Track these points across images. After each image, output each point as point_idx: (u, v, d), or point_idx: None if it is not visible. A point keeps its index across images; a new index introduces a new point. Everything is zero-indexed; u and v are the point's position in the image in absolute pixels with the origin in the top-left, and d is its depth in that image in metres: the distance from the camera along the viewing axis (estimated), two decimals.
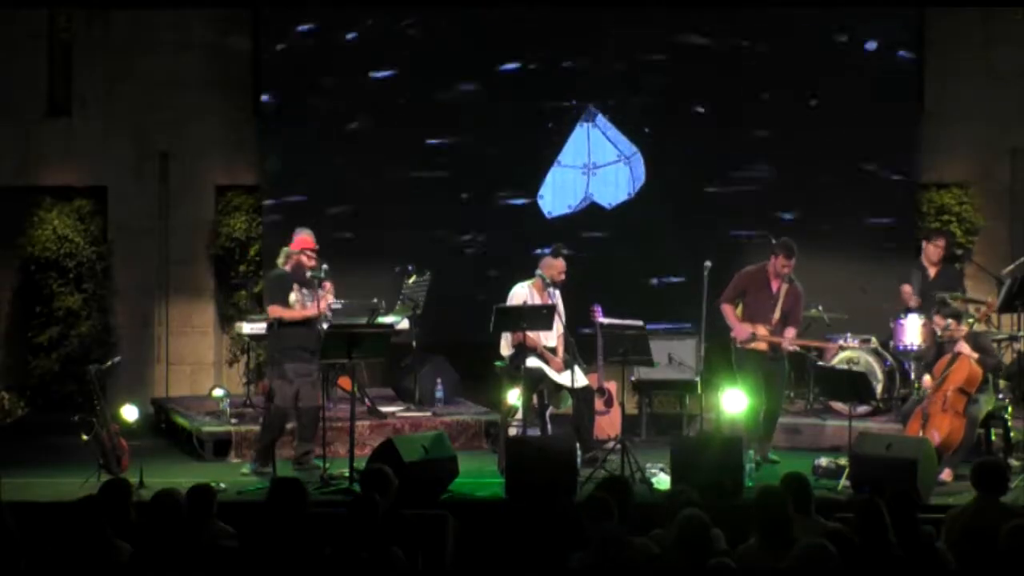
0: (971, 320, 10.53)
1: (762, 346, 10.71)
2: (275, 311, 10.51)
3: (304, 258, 10.53)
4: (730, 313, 10.88)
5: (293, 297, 10.53)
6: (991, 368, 10.45)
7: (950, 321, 10.42)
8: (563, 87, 13.43)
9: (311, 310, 10.48)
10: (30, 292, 13.88)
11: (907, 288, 12.08)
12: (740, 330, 10.78)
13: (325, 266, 10.57)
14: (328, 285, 10.74)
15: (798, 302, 10.83)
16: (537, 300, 10.79)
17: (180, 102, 13.75)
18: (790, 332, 10.71)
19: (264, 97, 13.56)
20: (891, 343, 11.97)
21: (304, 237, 10.66)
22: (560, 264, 10.88)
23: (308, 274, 10.52)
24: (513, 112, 13.40)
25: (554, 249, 10.97)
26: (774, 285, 10.80)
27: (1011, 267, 12.32)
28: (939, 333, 10.56)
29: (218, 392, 12.08)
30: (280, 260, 10.70)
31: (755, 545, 6.51)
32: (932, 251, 12.15)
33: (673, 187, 13.43)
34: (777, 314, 10.73)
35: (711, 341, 11.23)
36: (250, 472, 10.41)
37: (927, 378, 10.50)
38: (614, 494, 6.95)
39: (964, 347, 10.25)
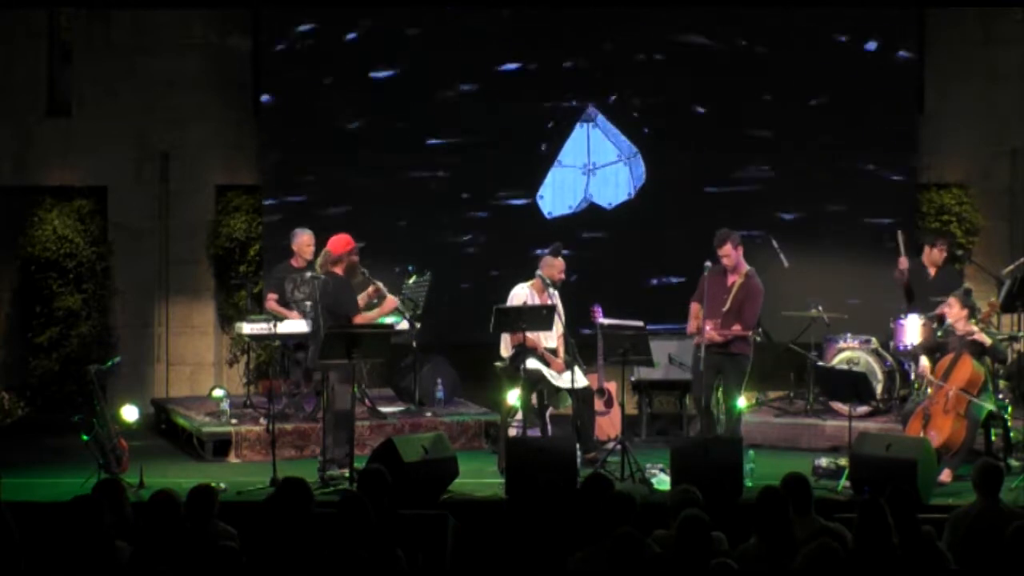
0: (974, 320, 10.52)
1: (707, 339, 10.49)
2: (362, 316, 10.44)
3: (355, 257, 10.45)
4: (692, 312, 10.77)
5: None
6: (1001, 360, 10.48)
7: (965, 311, 10.37)
8: (563, 87, 13.43)
9: (390, 301, 10.63)
10: (30, 292, 13.86)
11: (903, 260, 12.04)
12: (689, 327, 10.76)
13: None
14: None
15: (749, 298, 10.54)
16: (537, 300, 10.79)
17: (180, 102, 13.74)
18: (736, 327, 10.48)
19: (264, 97, 13.56)
20: (891, 343, 11.97)
21: (344, 236, 10.53)
22: (560, 264, 10.88)
23: (362, 271, 10.50)
24: (513, 112, 13.39)
25: (554, 249, 10.96)
26: (729, 280, 10.69)
27: (1011, 267, 12.32)
28: (949, 321, 10.52)
29: (218, 392, 12.07)
30: (322, 269, 10.56)
31: (755, 545, 6.52)
32: (936, 255, 12.14)
33: (673, 187, 13.42)
34: (727, 307, 10.53)
35: None
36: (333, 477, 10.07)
37: (924, 360, 10.47)
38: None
39: (980, 334, 10.24)
